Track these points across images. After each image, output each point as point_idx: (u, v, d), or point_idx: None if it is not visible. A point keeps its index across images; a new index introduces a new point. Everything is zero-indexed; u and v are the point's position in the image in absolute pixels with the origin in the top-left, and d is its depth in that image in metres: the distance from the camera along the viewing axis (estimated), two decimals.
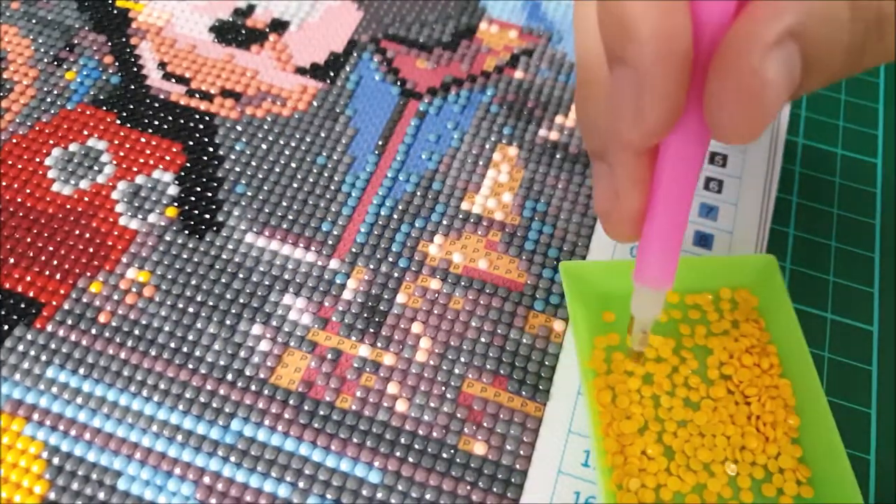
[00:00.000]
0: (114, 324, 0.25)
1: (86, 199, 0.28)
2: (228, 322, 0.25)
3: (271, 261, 0.27)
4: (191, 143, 0.30)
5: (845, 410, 0.24)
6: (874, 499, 0.23)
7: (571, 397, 0.24)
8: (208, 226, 0.28)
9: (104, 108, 0.31)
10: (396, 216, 0.28)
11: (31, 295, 0.26)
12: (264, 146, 0.30)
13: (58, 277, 0.26)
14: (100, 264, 0.27)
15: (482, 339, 0.25)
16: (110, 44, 0.33)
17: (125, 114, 0.30)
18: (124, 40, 0.33)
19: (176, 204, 0.28)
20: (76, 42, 0.33)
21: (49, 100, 0.31)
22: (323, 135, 0.30)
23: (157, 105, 0.31)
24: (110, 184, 0.28)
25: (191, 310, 0.26)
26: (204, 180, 0.29)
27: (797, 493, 0.22)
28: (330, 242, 0.27)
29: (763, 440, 0.23)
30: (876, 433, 0.24)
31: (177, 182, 0.29)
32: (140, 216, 0.28)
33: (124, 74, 0.32)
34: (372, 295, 0.26)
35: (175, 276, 0.26)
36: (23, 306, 0.26)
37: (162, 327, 0.25)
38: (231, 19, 0.34)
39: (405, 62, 0.33)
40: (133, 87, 0.31)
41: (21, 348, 0.25)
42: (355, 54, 0.33)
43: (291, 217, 0.28)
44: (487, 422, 0.24)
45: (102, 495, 0.22)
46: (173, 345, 0.25)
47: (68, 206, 0.28)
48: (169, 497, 0.22)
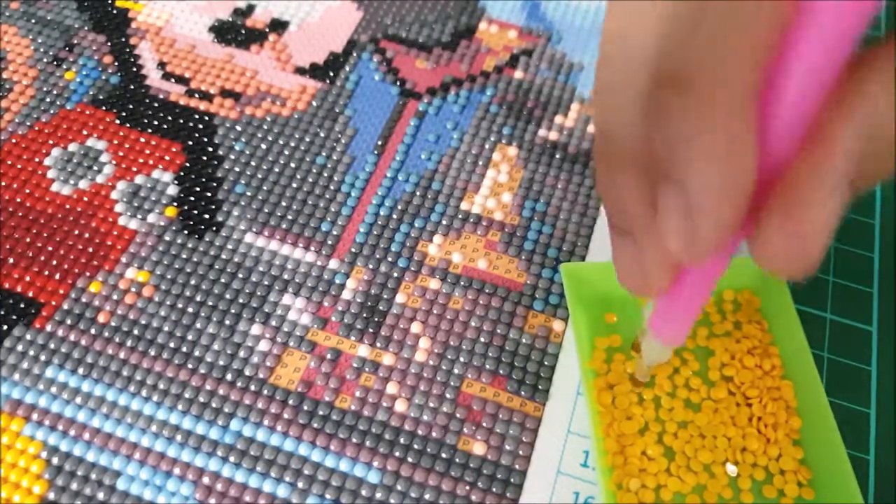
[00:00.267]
0: (113, 324, 0.25)
1: (85, 199, 0.28)
2: (228, 322, 0.25)
3: (271, 261, 0.27)
4: (190, 143, 0.30)
5: (844, 410, 0.24)
6: (874, 499, 0.23)
7: (571, 397, 0.24)
8: (208, 226, 0.28)
9: (104, 108, 0.31)
10: (396, 216, 0.28)
11: (31, 295, 0.26)
12: (264, 146, 0.30)
13: (57, 277, 0.26)
14: (99, 264, 0.27)
15: (481, 339, 0.25)
16: (110, 44, 0.33)
17: (125, 114, 0.30)
18: (124, 40, 0.33)
19: (175, 204, 0.28)
20: (76, 42, 0.33)
21: (48, 100, 0.31)
22: (322, 135, 0.30)
23: (157, 105, 0.31)
24: (110, 184, 0.28)
25: (190, 310, 0.26)
26: (203, 180, 0.29)
27: (798, 495, 0.22)
28: (329, 242, 0.27)
29: (764, 442, 0.23)
30: (875, 433, 0.24)
31: (176, 182, 0.29)
32: (139, 216, 0.28)
33: (124, 74, 0.32)
34: (371, 295, 0.26)
35: (174, 276, 0.26)
36: (22, 306, 0.26)
37: (161, 327, 0.25)
38: (231, 19, 0.34)
39: (405, 62, 0.33)
40: (132, 87, 0.31)
41: (20, 348, 0.25)
42: (355, 54, 0.33)
43: (291, 217, 0.28)
44: (487, 422, 0.24)
45: (102, 495, 0.22)
46: (173, 345, 0.25)
47: (68, 206, 0.28)
48: (168, 497, 0.22)
